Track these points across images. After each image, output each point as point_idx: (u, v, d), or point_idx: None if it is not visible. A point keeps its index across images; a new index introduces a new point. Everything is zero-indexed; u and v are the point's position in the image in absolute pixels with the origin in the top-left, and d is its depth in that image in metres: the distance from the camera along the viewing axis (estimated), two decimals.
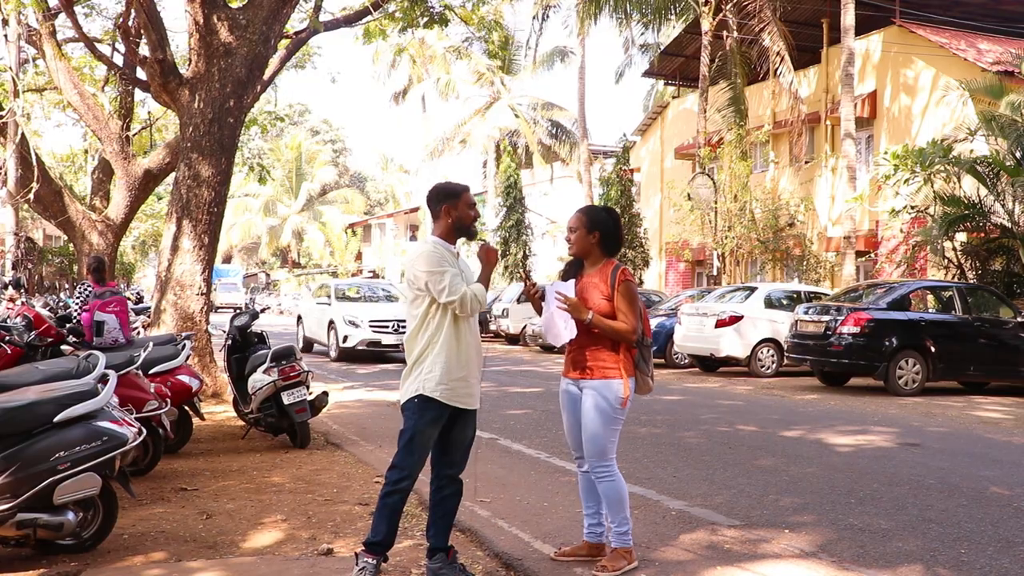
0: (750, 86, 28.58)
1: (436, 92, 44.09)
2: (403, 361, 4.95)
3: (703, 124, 27.99)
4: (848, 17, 22.20)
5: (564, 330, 4.97)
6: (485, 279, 4.79)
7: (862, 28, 24.03)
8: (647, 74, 36.27)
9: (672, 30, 33.15)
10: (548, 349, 23.53)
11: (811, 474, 7.75)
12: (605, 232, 5.03)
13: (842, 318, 14.22)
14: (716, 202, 25.74)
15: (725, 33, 27.76)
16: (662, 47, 33.25)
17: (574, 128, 40.82)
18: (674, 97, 35.04)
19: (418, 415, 4.66)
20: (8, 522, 4.65)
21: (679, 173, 31.09)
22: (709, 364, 18.14)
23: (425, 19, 14.78)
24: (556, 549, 5.39)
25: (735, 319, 17.00)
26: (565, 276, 5.19)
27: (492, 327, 28.04)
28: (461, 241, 4.98)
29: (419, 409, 4.66)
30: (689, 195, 26.55)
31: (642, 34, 34.44)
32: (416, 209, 54.74)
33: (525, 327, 25.41)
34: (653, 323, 19.31)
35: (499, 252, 5.30)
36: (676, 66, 33.16)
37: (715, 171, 27.48)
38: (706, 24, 27.59)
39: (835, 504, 6.60)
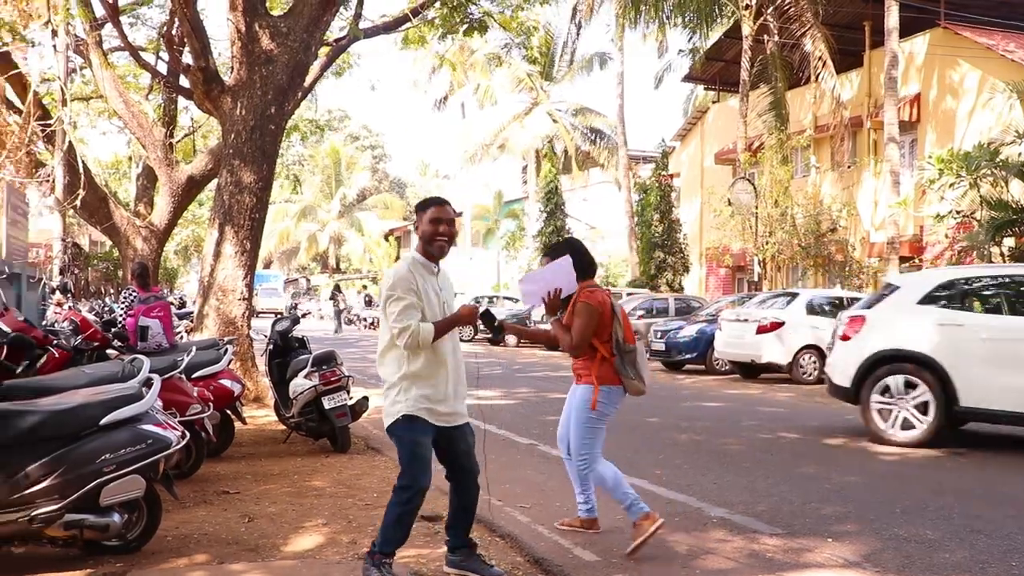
0: (791, 90, 28.33)
1: (475, 98, 44.21)
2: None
3: (743, 129, 27.80)
4: (892, 19, 21.95)
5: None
6: (444, 326, 4.70)
7: (906, 30, 23.73)
8: (687, 79, 36.10)
9: (712, 34, 32.95)
10: None
11: (854, 482, 7.65)
12: (575, 256, 5.57)
13: None
14: (757, 207, 25.53)
15: (766, 37, 27.55)
16: (702, 52, 33.07)
17: (613, 134, 40.73)
18: (714, 102, 34.86)
19: (408, 430, 4.66)
20: (56, 523, 4.72)
21: (719, 178, 30.89)
22: (750, 370, 17.97)
23: (464, 26, 14.82)
24: (596, 555, 5.38)
25: (776, 325, 16.84)
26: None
27: None
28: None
29: (407, 425, 4.65)
30: (729, 200, 26.37)
31: (690, 39, 34.23)
32: (457, 215, 54.87)
33: None
34: (693, 329, 19.35)
35: (476, 311, 5.34)
36: (716, 71, 32.99)
37: (756, 176, 27.26)
38: (747, 28, 27.42)
39: (879, 513, 6.51)
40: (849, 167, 27.34)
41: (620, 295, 27.81)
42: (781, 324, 16.82)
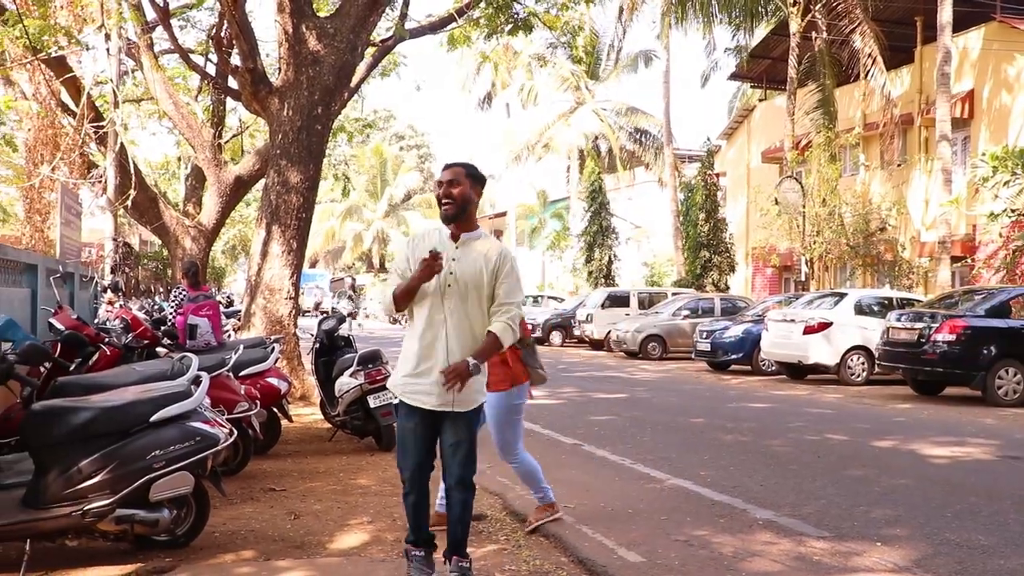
0: (840, 87, 27.95)
1: (520, 98, 44.22)
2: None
3: (791, 127, 27.49)
4: (945, 14, 21.57)
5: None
6: (402, 288, 4.42)
7: (959, 25, 23.31)
8: (733, 77, 35.79)
9: (758, 32, 32.65)
10: (632, 355, 23.38)
11: (904, 486, 7.52)
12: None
13: (937, 325, 13.78)
14: (804, 206, 25.23)
15: (814, 34, 27.21)
16: (749, 50, 32.76)
17: (658, 132, 40.53)
18: (761, 100, 34.52)
19: (399, 414, 4.64)
20: (108, 517, 4.80)
21: (766, 177, 30.58)
22: (797, 371, 17.78)
23: (509, 25, 14.83)
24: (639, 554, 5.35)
25: (824, 325, 16.63)
26: None
27: (576, 332, 28.00)
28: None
29: (399, 407, 4.62)
30: (776, 199, 26.09)
31: (733, 36, 33.94)
32: (501, 214, 54.94)
33: (609, 332, 25.30)
34: (739, 329, 19.20)
35: (433, 266, 5.01)
36: (763, 68, 32.67)
37: (803, 175, 26.94)
38: (794, 25, 27.11)
39: (930, 517, 6.39)
40: (899, 165, 26.92)
41: (665, 294, 27.67)
42: (829, 324, 16.61)
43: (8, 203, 28.43)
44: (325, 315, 10.33)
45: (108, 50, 15.93)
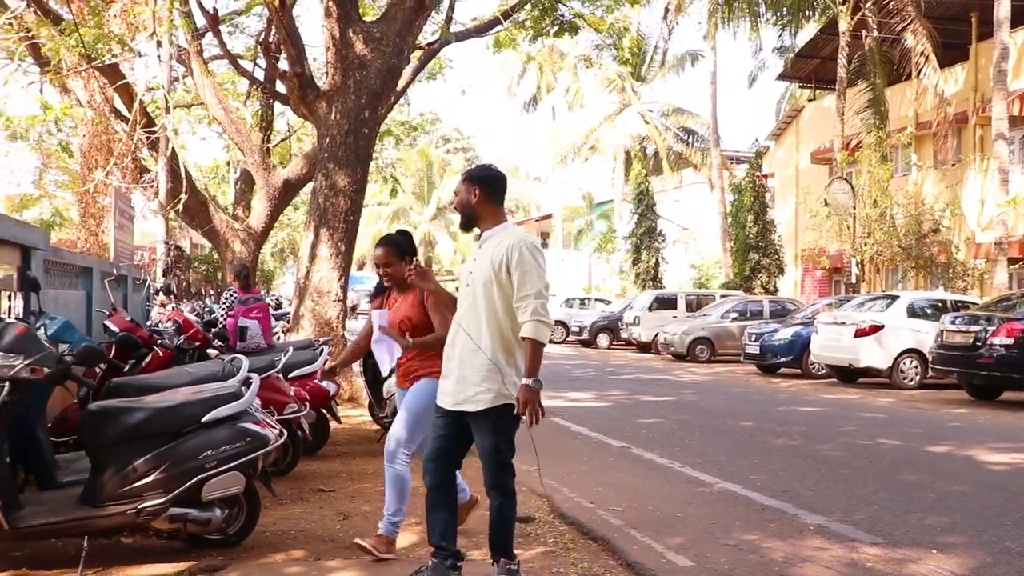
0: (891, 86, 27.54)
1: (565, 100, 44.17)
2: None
3: (840, 127, 27.14)
4: (1003, 9, 21.17)
5: (388, 360, 5.42)
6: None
7: (1016, 20, 22.82)
8: (781, 77, 35.41)
9: (807, 31, 32.28)
10: (680, 358, 23.23)
11: (960, 492, 7.37)
12: (413, 255, 5.37)
13: (993, 328, 13.50)
14: (855, 207, 24.89)
15: (864, 32, 26.84)
16: (797, 49, 32.40)
17: (705, 133, 40.25)
18: (809, 100, 34.13)
19: None
20: (162, 516, 4.87)
21: (815, 178, 30.22)
22: (847, 375, 17.53)
23: (555, 27, 14.81)
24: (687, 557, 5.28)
25: (875, 328, 16.38)
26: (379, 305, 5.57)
27: (623, 335, 27.89)
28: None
29: None
30: (826, 201, 25.76)
31: (780, 36, 33.61)
32: (547, 217, 54.88)
33: (656, 335, 25.16)
34: (788, 332, 18.98)
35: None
36: (811, 68, 32.29)
37: (853, 175, 26.59)
38: (844, 24, 26.77)
39: (988, 525, 6.24)
40: (953, 165, 26.46)
41: (713, 297, 27.46)
42: (880, 327, 16.36)
43: (64, 207, 28.98)
44: None
45: (159, 57, 16.15)
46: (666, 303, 27.19)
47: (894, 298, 17.51)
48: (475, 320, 4.42)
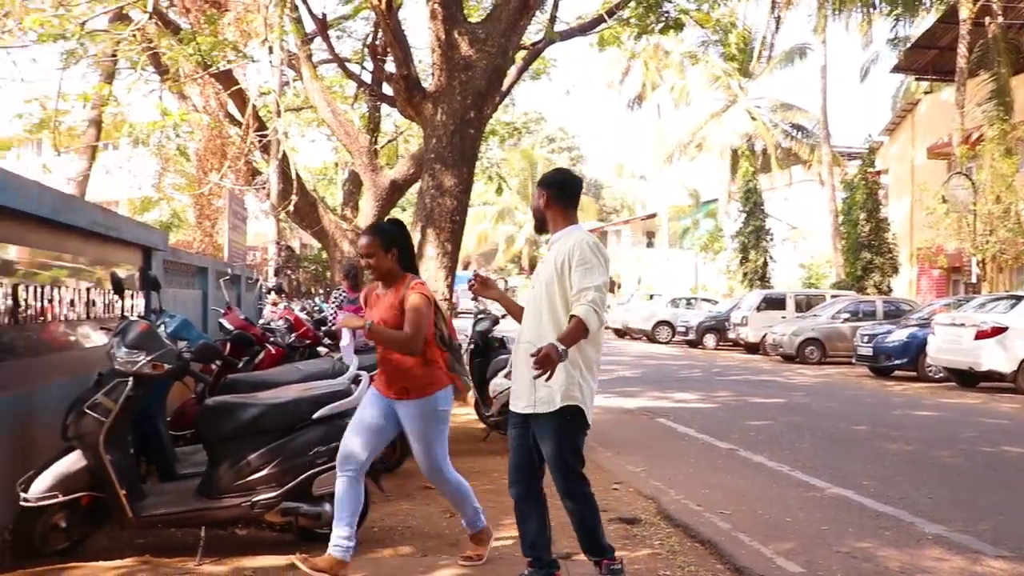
0: (1016, 76, 26.33)
1: (671, 98, 43.73)
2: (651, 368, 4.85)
3: (960, 120, 26.10)
4: None
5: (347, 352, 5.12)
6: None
7: None
8: (896, 70, 34.27)
9: (923, 21, 31.17)
10: (789, 359, 22.73)
11: None
12: (402, 248, 4.85)
13: None
14: (975, 204, 23.91)
15: (987, 20, 25.74)
16: (912, 40, 31.30)
17: (815, 129, 39.30)
18: (926, 93, 32.97)
19: None
20: (274, 509, 5.01)
21: (932, 174, 29.17)
22: (967, 379, 16.84)
23: (660, 24, 14.64)
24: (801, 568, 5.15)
25: (998, 330, 15.67)
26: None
27: (731, 335, 27.45)
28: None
29: None
30: (944, 197, 24.82)
31: (894, 26, 32.52)
32: (652, 216, 54.42)
33: (765, 335, 24.67)
34: (903, 333, 18.37)
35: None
36: (928, 59, 31.15)
37: (974, 170, 25.54)
38: (965, 12, 25.72)
39: None
40: None
41: (824, 297, 26.78)
42: (1004, 329, 15.64)
43: (181, 209, 30.06)
44: (480, 317, 10.44)
45: (271, 62, 16.60)
46: (775, 303, 26.63)
47: (1019, 298, 16.73)
48: (537, 321, 4.42)
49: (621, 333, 34.82)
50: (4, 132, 18.78)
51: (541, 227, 4.66)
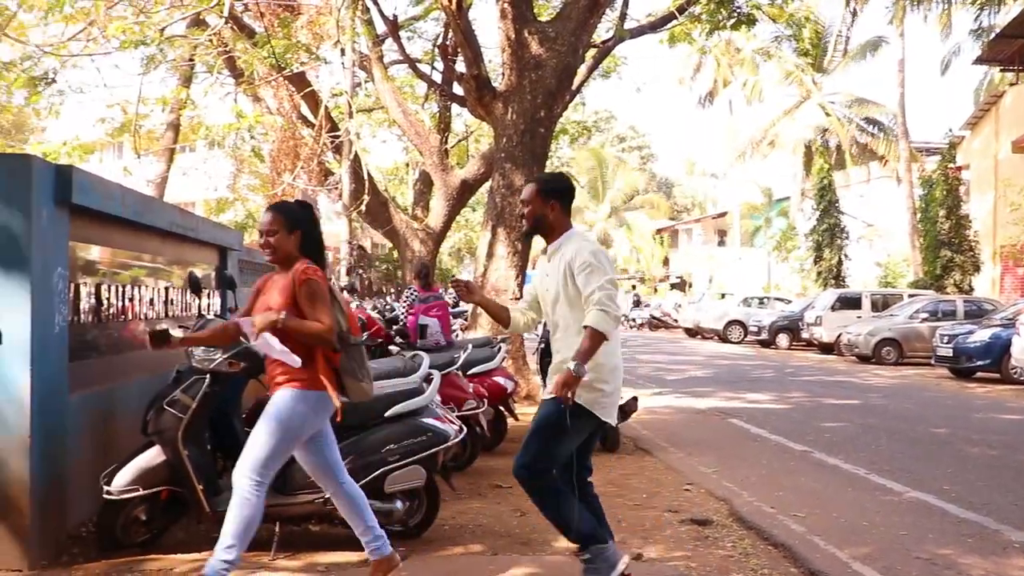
0: None
1: (743, 94, 43.18)
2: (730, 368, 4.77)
3: None
4: None
5: (287, 356, 4.16)
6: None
7: None
8: (979, 61, 33.22)
9: (1008, 10, 30.21)
10: (865, 360, 22.26)
11: None
12: (306, 231, 4.35)
13: None
14: None
15: None
16: (998, 29, 30.37)
17: (892, 124, 38.42)
18: (1012, 84, 31.94)
19: None
20: None
21: (1018, 169, 28.25)
22: None
23: (732, 20, 14.46)
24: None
25: None
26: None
27: (804, 335, 27.00)
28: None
29: None
30: None
31: (977, 16, 31.61)
32: (723, 215, 53.81)
33: (839, 335, 24.20)
34: (985, 333, 17.84)
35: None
36: (1015, 49, 30.14)
37: None
38: None
39: None
40: None
41: (901, 296, 26.17)
42: None
43: (255, 210, 30.59)
44: None
45: (343, 64, 16.81)
46: (850, 302, 26.09)
47: None
48: (562, 327, 4.41)
49: (692, 333, 34.49)
50: (88, 136, 19.28)
51: (537, 233, 4.63)
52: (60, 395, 4.93)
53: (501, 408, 8.63)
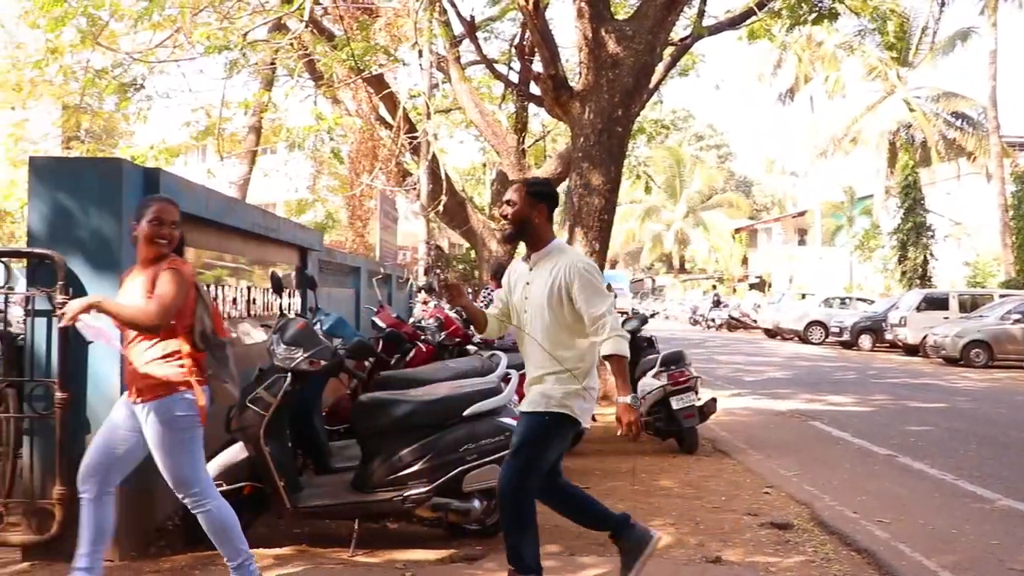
0: None
1: (824, 90, 42.33)
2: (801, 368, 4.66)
3: None
4: None
5: (101, 336, 3.99)
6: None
7: None
8: None
9: None
10: (952, 362, 21.63)
11: None
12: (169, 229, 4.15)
13: None
14: None
15: None
16: None
17: (982, 119, 37.27)
18: None
19: None
20: (425, 504, 5.10)
21: None
22: None
23: (813, 15, 14.17)
24: None
25: None
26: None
27: (888, 336, 26.37)
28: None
29: None
30: None
31: None
32: (803, 213, 52.86)
33: (925, 337, 23.56)
34: None
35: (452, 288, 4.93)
36: None
37: None
38: None
39: None
40: None
41: (991, 296, 25.38)
42: None
43: (334, 210, 31.05)
44: (627, 316, 10.37)
45: (420, 65, 16.94)
46: (936, 303, 25.39)
47: None
48: (537, 339, 4.33)
49: (772, 333, 33.93)
50: (173, 140, 19.81)
51: (519, 237, 4.54)
52: None
53: None
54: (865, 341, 27.90)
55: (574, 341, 4.28)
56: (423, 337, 8.30)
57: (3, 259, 5.28)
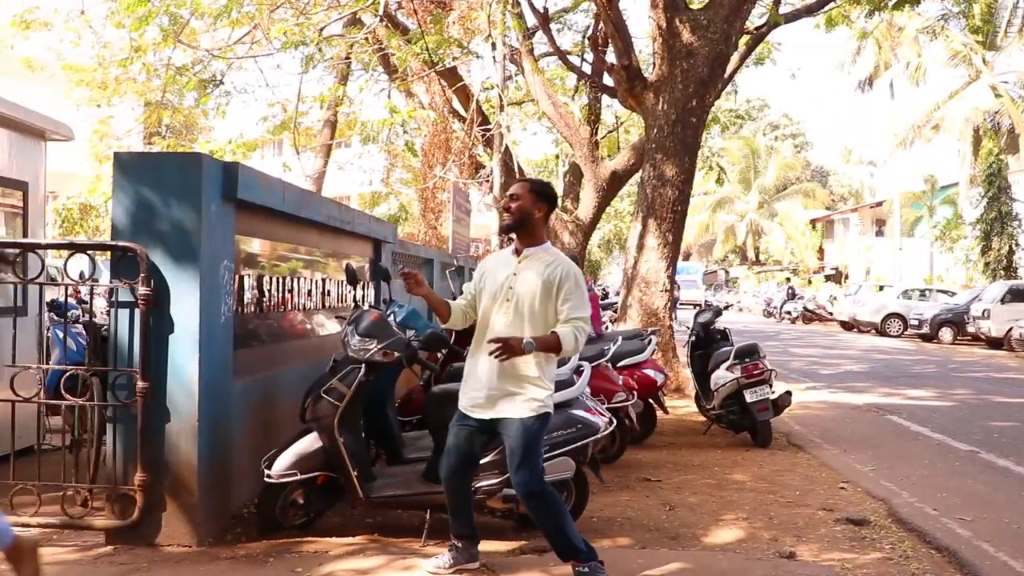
0: None
1: (905, 77, 41.26)
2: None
3: None
4: None
5: None
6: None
7: None
8: None
9: None
10: None
11: None
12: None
13: None
14: None
15: None
16: None
17: None
18: None
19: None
20: (496, 495, 5.11)
21: None
22: None
23: (894, 0, 13.85)
24: None
25: None
26: None
27: (970, 329, 25.66)
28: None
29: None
30: None
31: None
32: (882, 203, 51.67)
33: (1010, 330, 22.88)
34: None
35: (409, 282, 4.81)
36: None
37: None
38: None
39: None
40: None
41: None
42: None
43: (407, 203, 31.31)
44: (701, 308, 10.29)
45: (494, 58, 17.00)
46: (1022, 295, 24.63)
47: None
48: (518, 333, 4.34)
49: (848, 326, 33.26)
50: (251, 134, 20.19)
51: (511, 228, 4.57)
52: (225, 382, 5.18)
53: (650, 401, 8.57)
54: (946, 334, 27.19)
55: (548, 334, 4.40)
56: None
57: (88, 252, 5.46)
